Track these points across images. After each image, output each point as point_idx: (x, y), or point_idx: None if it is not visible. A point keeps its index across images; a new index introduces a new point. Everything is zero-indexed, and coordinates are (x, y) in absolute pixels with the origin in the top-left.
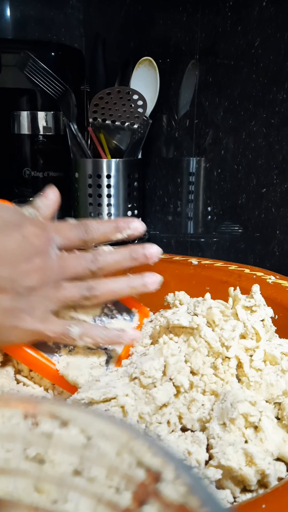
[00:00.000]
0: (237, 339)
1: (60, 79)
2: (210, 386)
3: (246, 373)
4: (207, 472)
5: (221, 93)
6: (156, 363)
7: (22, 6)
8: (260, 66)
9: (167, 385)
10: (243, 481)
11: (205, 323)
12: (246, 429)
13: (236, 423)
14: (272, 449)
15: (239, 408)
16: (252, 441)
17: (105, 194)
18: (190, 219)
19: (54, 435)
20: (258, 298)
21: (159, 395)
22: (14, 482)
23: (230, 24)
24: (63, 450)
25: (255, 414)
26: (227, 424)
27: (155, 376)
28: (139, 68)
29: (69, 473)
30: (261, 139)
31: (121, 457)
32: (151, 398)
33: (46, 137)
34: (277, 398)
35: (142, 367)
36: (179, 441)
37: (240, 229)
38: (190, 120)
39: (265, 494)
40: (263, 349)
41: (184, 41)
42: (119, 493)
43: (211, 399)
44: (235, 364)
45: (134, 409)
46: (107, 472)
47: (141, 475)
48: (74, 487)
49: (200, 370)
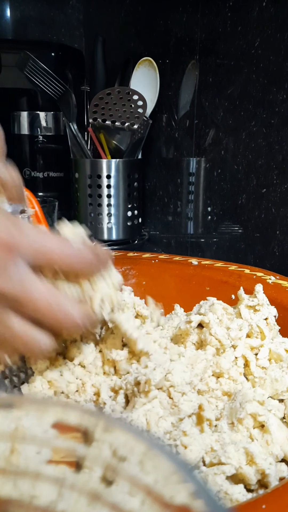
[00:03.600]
0: (244, 338)
1: (60, 80)
2: (223, 387)
3: (253, 371)
4: (209, 471)
5: (221, 93)
6: (187, 376)
7: (22, 7)
8: (260, 66)
9: (192, 395)
10: (243, 480)
11: (215, 320)
12: (254, 429)
13: (244, 423)
14: (277, 452)
15: (247, 408)
16: (258, 441)
17: (105, 194)
18: (190, 219)
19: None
20: (261, 297)
21: (185, 406)
22: (35, 486)
23: (230, 25)
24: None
25: (264, 413)
26: (235, 424)
27: (184, 390)
28: (139, 69)
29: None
30: (261, 139)
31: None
32: (177, 409)
33: (46, 137)
34: (282, 394)
35: (173, 380)
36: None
37: (240, 230)
38: (190, 120)
39: (265, 494)
40: (268, 347)
41: (184, 41)
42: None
43: (224, 400)
44: (242, 363)
45: (157, 419)
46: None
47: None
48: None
49: (225, 373)
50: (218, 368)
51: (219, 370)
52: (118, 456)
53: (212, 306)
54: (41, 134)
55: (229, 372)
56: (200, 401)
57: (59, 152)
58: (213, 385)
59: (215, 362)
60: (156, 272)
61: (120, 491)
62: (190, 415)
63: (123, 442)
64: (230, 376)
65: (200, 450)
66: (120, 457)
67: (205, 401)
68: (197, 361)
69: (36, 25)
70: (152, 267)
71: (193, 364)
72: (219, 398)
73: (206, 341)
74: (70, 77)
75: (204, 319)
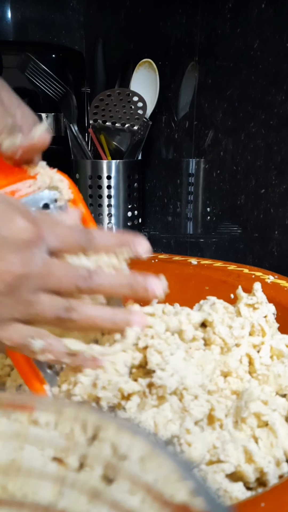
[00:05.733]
0: (247, 337)
1: (61, 81)
2: (231, 386)
3: (257, 369)
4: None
5: (221, 94)
6: (199, 378)
7: (23, 8)
8: (259, 67)
9: (203, 399)
10: (242, 477)
11: (218, 320)
12: (257, 429)
13: (248, 422)
14: (280, 456)
15: (251, 407)
16: (262, 440)
17: (105, 195)
18: (190, 219)
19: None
20: (260, 295)
21: (195, 411)
22: (38, 485)
23: (229, 26)
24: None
25: (267, 413)
26: (239, 423)
27: (197, 393)
28: (139, 70)
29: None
30: (260, 140)
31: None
32: (187, 414)
33: None
34: (286, 389)
35: (186, 382)
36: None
37: (239, 230)
38: (189, 122)
39: (264, 493)
40: (269, 344)
41: (184, 43)
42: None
43: (232, 399)
44: (247, 361)
45: (166, 422)
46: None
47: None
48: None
49: (233, 372)
50: (226, 368)
51: (227, 370)
52: (118, 455)
53: (213, 305)
54: None
55: (237, 371)
56: (210, 405)
57: (60, 153)
58: (222, 385)
59: (222, 362)
60: (155, 272)
61: (121, 490)
62: (200, 420)
63: (124, 441)
64: (238, 375)
65: (203, 448)
66: (120, 455)
67: (215, 401)
68: (206, 362)
69: (36, 26)
70: (151, 267)
71: (203, 365)
72: (228, 397)
73: (210, 340)
74: (71, 79)
75: (208, 318)
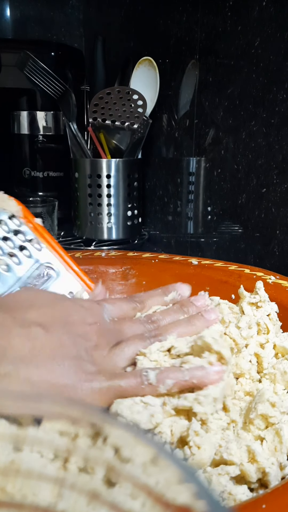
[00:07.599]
0: (256, 336)
1: (60, 79)
2: (244, 388)
3: (265, 368)
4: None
5: (221, 93)
6: (218, 392)
7: (22, 6)
8: (260, 66)
9: (222, 412)
10: (243, 477)
11: (231, 320)
12: (264, 430)
13: (255, 423)
14: (282, 460)
15: (259, 409)
16: (267, 442)
17: (105, 194)
18: (190, 219)
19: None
20: (263, 294)
21: (214, 425)
22: (39, 487)
23: (230, 24)
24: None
25: (274, 415)
26: (247, 423)
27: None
28: (139, 68)
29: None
30: (261, 139)
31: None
32: (206, 427)
33: (46, 137)
34: None
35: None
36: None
37: (240, 229)
38: (190, 120)
39: (265, 494)
40: (273, 342)
41: (184, 41)
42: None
43: (246, 400)
44: (255, 361)
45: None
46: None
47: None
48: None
49: (246, 374)
50: (239, 369)
51: (240, 371)
52: (121, 458)
53: (218, 306)
54: (41, 133)
55: (250, 372)
56: (229, 418)
57: (59, 152)
58: (235, 387)
59: (234, 364)
60: (156, 272)
61: (122, 492)
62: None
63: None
64: (251, 376)
65: (212, 449)
66: (123, 458)
67: (231, 403)
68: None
69: (36, 24)
70: (152, 267)
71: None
72: (241, 399)
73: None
74: (70, 77)
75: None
